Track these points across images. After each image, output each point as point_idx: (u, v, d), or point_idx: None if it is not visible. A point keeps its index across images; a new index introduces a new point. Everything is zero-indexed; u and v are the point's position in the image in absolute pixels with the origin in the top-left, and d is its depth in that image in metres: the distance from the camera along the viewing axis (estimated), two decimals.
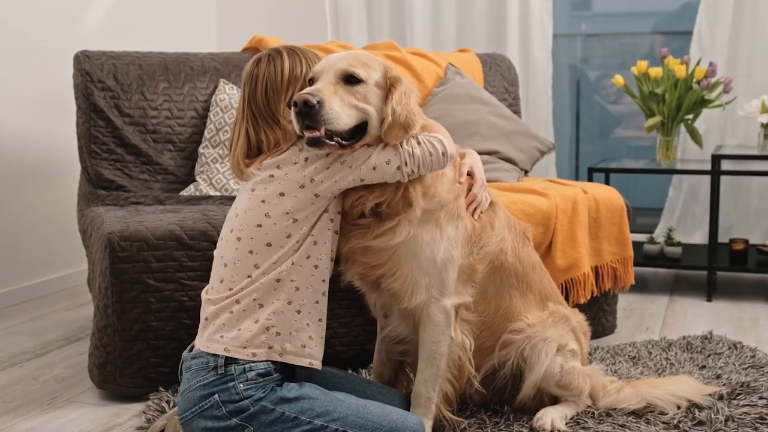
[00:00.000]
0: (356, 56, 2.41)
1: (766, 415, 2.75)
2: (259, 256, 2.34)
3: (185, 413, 2.34)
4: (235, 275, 2.35)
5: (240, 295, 2.33)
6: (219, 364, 2.31)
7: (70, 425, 2.87)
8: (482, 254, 2.59)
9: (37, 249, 4.62)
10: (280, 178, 2.33)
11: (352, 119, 2.33)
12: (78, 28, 4.82)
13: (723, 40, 5.03)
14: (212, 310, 2.37)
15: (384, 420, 2.35)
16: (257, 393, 2.29)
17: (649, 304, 4.39)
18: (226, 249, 2.40)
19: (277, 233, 2.33)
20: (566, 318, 2.81)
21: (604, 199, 3.76)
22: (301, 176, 2.32)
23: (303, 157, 2.32)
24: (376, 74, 2.40)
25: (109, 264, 2.98)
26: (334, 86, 2.32)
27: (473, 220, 2.58)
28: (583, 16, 6.81)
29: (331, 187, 2.34)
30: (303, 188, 2.32)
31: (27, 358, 3.57)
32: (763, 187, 5.14)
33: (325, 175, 2.32)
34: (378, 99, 2.39)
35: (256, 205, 2.35)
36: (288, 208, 2.32)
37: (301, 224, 2.34)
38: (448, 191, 2.51)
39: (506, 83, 4.64)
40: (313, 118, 2.25)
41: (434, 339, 2.53)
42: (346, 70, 2.35)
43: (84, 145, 3.70)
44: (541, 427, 2.67)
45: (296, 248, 2.34)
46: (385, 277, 2.50)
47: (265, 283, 2.33)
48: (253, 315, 2.33)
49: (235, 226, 2.39)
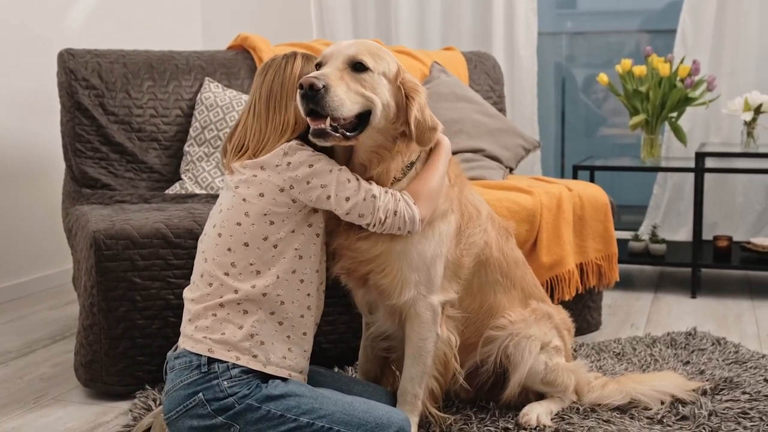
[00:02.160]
0: (367, 45, 2.41)
1: (748, 409, 2.77)
2: (237, 255, 2.33)
3: (170, 413, 2.33)
4: (214, 270, 2.35)
5: (223, 300, 2.32)
6: (202, 363, 2.29)
7: (56, 424, 2.86)
8: (468, 245, 2.59)
9: (22, 248, 4.61)
10: (263, 180, 2.33)
11: (356, 106, 2.33)
12: (62, 26, 4.80)
13: (706, 39, 5.06)
14: (195, 311, 2.36)
15: (370, 416, 2.35)
16: (242, 390, 2.28)
17: (634, 300, 4.41)
18: (208, 244, 2.40)
19: (254, 234, 2.33)
20: (549, 315, 2.82)
21: (588, 196, 3.77)
22: (282, 180, 2.31)
23: (286, 161, 2.31)
24: (384, 66, 2.40)
25: (95, 262, 2.98)
26: (341, 72, 2.32)
27: (459, 212, 2.59)
28: (568, 14, 6.83)
29: (306, 200, 2.34)
30: (282, 192, 2.32)
31: (12, 357, 3.56)
32: (747, 185, 5.17)
33: (303, 187, 2.32)
34: (385, 90, 2.39)
35: (238, 203, 2.35)
36: (266, 209, 2.32)
37: (279, 228, 2.33)
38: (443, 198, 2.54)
39: (491, 81, 4.65)
40: (318, 102, 2.25)
41: (421, 336, 2.54)
42: (355, 57, 2.35)
43: (68, 144, 3.70)
44: (527, 422, 2.69)
45: (281, 261, 2.34)
46: (374, 273, 2.50)
47: (249, 294, 2.31)
48: (237, 321, 2.32)
49: (218, 222, 2.39)
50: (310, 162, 2.31)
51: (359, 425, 2.33)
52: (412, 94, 2.42)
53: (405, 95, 2.42)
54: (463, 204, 2.62)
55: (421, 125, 2.42)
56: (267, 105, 2.43)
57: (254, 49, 4.23)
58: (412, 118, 2.40)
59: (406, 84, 2.43)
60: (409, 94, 2.42)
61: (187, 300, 2.42)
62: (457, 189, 2.61)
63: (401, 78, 2.44)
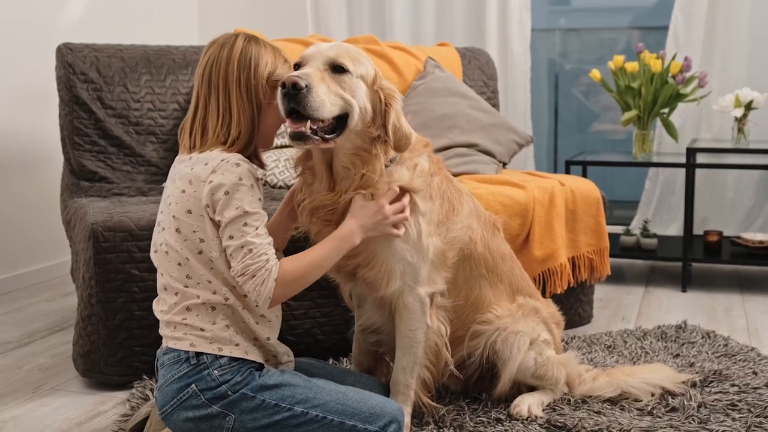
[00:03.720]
0: (346, 48, 2.41)
1: (737, 401, 2.78)
2: (187, 269, 2.31)
3: (164, 407, 2.33)
4: (173, 283, 2.33)
5: (189, 304, 2.30)
6: (191, 355, 2.30)
7: (55, 413, 2.89)
8: (449, 238, 2.60)
9: (21, 240, 4.63)
10: (190, 195, 2.28)
11: (336, 108, 2.32)
12: (60, 21, 4.82)
13: (698, 36, 5.08)
14: (167, 319, 2.34)
15: (364, 406, 2.35)
16: (234, 377, 2.29)
17: (626, 294, 4.43)
18: (162, 260, 2.37)
19: (191, 249, 2.29)
20: (536, 310, 2.82)
21: (580, 191, 3.79)
22: (206, 194, 2.25)
23: (209, 179, 2.24)
24: (363, 69, 2.40)
25: (93, 254, 3.00)
26: (321, 73, 2.32)
27: (440, 202, 2.59)
28: (562, 11, 6.84)
29: (217, 213, 2.26)
30: (203, 208, 2.27)
31: (11, 348, 3.59)
32: (737, 180, 5.19)
33: (221, 206, 2.24)
34: (362, 94, 2.39)
35: (170, 219, 2.32)
36: (195, 227, 2.28)
37: (208, 245, 2.28)
38: (422, 183, 2.53)
39: (485, 77, 4.66)
40: (299, 101, 2.24)
41: (410, 327, 2.56)
42: (335, 59, 2.35)
43: (67, 137, 3.71)
44: (519, 413, 2.70)
45: (225, 273, 2.30)
46: (361, 267, 2.51)
47: (211, 298, 2.29)
48: (209, 318, 2.30)
49: (161, 240, 2.36)
50: (227, 189, 2.23)
51: (353, 414, 2.33)
52: (389, 101, 2.43)
53: (383, 101, 2.42)
54: (445, 197, 2.62)
55: (398, 131, 2.43)
56: (208, 87, 2.36)
57: None
58: (390, 125, 2.41)
59: (384, 90, 2.44)
60: (387, 101, 2.43)
61: (156, 312, 2.40)
62: (437, 179, 2.60)
63: (379, 83, 2.44)
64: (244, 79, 2.34)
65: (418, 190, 2.51)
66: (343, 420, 2.32)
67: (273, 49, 2.42)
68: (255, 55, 2.36)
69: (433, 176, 2.58)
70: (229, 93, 2.34)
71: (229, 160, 2.26)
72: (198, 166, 2.29)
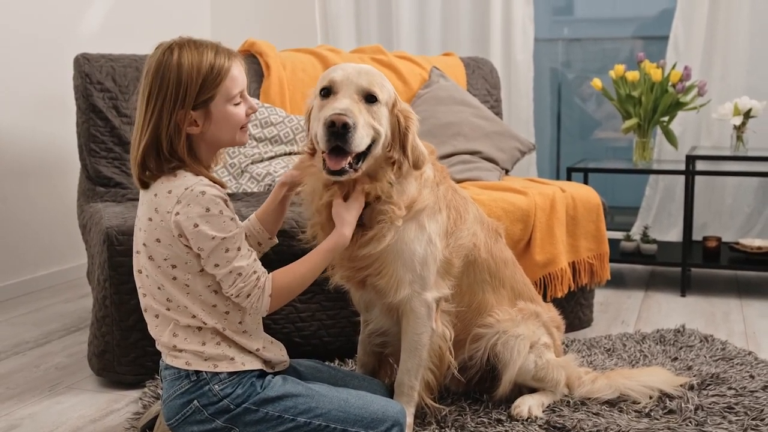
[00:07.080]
0: (373, 75, 2.39)
1: (734, 404, 2.81)
2: (166, 292, 2.31)
3: (171, 421, 2.34)
4: (154, 305, 2.33)
5: (172, 328, 2.31)
6: (190, 372, 2.30)
7: (70, 411, 2.93)
8: (457, 246, 2.62)
9: (39, 243, 4.68)
10: (157, 224, 2.25)
11: (368, 140, 2.33)
12: (76, 32, 4.87)
13: (698, 45, 5.10)
14: (158, 340, 2.36)
15: (365, 412, 2.37)
16: (236, 390, 2.29)
17: (625, 298, 4.44)
18: (143, 281, 2.35)
19: (165, 275, 2.28)
20: (536, 314, 2.84)
21: (581, 197, 3.82)
22: (174, 226, 2.21)
23: (175, 211, 2.20)
24: (386, 95, 2.41)
25: (108, 257, 3.04)
26: (358, 105, 2.31)
27: (447, 212, 2.61)
28: (565, 21, 6.82)
29: (194, 246, 2.23)
30: (176, 237, 2.23)
31: (29, 347, 3.63)
32: (736, 187, 5.20)
33: (194, 240, 2.21)
34: (386, 120, 2.40)
35: (142, 245, 2.30)
36: (165, 255, 2.25)
37: (183, 270, 2.26)
38: (430, 193, 2.55)
39: (489, 86, 4.70)
40: (345, 140, 2.24)
41: (416, 331, 2.58)
42: (368, 89, 2.34)
43: (84, 144, 3.74)
44: (519, 414, 2.73)
45: (200, 299, 2.29)
46: (371, 276, 2.53)
47: (192, 322, 2.29)
48: (197, 339, 2.30)
49: (137, 264, 2.35)
50: (196, 222, 2.19)
51: (355, 421, 2.35)
52: (408, 123, 2.44)
53: (402, 124, 2.44)
54: (452, 206, 2.64)
55: (415, 150, 2.45)
56: (146, 99, 2.25)
57: (260, 54, 4.29)
58: (409, 146, 2.43)
59: (403, 113, 2.45)
60: (406, 123, 2.44)
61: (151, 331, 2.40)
62: (443, 188, 2.62)
63: (398, 107, 2.45)
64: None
65: (425, 208, 2.53)
66: (345, 427, 2.34)
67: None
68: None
69: (439, 185, 2.60)
70: (163, 104, 2.25)
71: (193, 189, 2.21)
72: (162, 193, 2.25)
